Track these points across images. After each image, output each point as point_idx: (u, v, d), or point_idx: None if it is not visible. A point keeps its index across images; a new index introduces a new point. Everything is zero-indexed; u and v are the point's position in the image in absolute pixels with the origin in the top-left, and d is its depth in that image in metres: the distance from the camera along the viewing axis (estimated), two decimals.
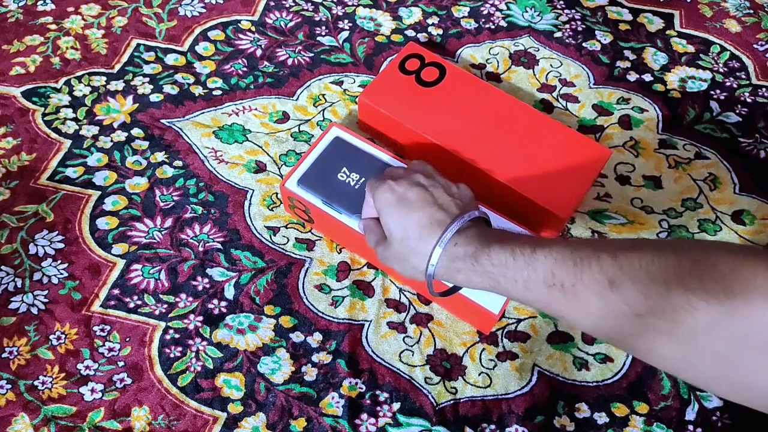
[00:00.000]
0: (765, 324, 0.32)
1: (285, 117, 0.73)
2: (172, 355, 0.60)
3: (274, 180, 0.69)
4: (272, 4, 0.82)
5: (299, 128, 0.72)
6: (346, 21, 0.80)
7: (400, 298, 0.63)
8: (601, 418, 0.58)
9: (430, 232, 0.46)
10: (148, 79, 0.75)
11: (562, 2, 0.83)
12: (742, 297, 0.32)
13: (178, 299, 0.62)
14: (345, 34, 0.79)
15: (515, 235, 0.44)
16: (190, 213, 0.67)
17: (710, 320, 0.33)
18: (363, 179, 0.60)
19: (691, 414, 0.58)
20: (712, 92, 0.76)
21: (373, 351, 0.60)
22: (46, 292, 0.62)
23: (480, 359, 0.60)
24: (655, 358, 0.37)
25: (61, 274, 0.63)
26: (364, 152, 0.62)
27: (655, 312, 0.35)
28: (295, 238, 0.65)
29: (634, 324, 0.36)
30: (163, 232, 0.65)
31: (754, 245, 0.60)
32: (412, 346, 0.61)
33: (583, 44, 0.79)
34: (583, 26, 0.81)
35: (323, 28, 0.80)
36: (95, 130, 0.71)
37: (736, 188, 0.70)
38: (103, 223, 0.66)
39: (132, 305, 0.62)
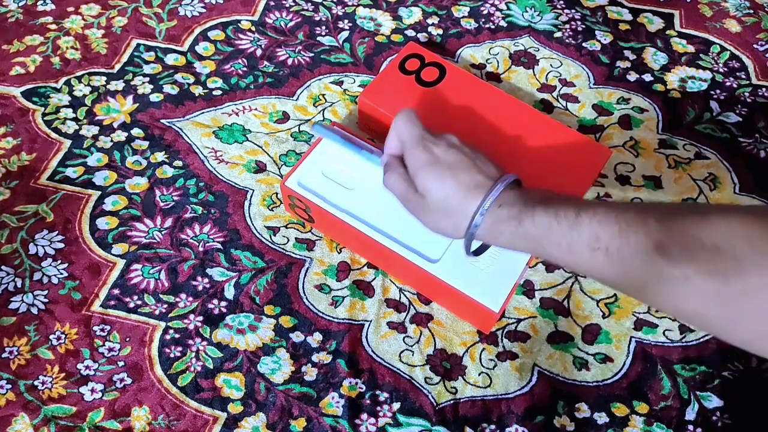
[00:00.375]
0: None
1: (285, 117, 0.73)
2: (172, 355, 0.60)
3: (274, 180, 0.69)
4: (272, 4, 0.82)
5: (299, 128, 0.72)
6: (346, 21, 0.80)
7: (400, 298, 0.63)
8: (601, 418, 0.58)
9: (474, 194, 0.46)
10: (148, 79, 0.75)
11: (562, 2, 0.83)
12: None
13: (178, 299, 0.62)
14: (345, 34, 0.79)
15: (557, 197, 0.44)
16: (190, 213, 0.67)
17: (761, 282, 0.33)
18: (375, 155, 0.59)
19: (691, 414, 0.58)
20: (712, 92, 0.76)
21: (373, 351, 0.60)
22: (46, 292, 0.62)
23: (480, 359, 0.60)
24: (697, 319, 0.37)
25: (61, 274, 0.63)
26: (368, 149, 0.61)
27: (703, 274, 0.35)
28: (295, 238, 0.65)
29: (679, 286, 0.36)
30: (163, 232, 0.65)
31: None
32: (412, 346, 0.61)
33: (583, 44, 0.79)
34: (583, 26, 0.81)
35: (323, 28, 0.80)
36: (95, 130, 0.71)
37: (736, 188, 0.70)
38: (103, 223, 0.66)
39: (132, 305, 0.62)
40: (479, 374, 0.59)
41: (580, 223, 0.41)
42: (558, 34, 0.80)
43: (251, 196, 0.68)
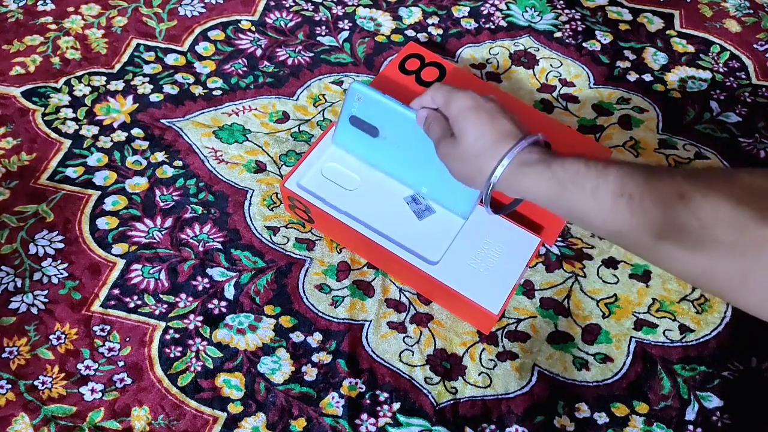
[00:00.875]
0: None
1: (285, 117, 0.73)
2: (172, 355, 0.60)
3: (274, 180, 0.69)
4: (272, 4, 0.82)
5: (299, 128, 0.72)
6: (346, 21, 0.80)
7: (400, 298, 0.63)
8: (601, 418, 0.58)
9: (507, 140, 0.47)
10: (148, 78, 0.75)
11: (562, 2, 0.83)
12: None
13: (178, 299, 0.62)
14: (345, 34, 0.79)
15: (585, 154, 0.46)
16: (190, 213, 0.67)
17: None
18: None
19: (691, 414, 0.58)
20: (712, 92, 0.76)
21: (373, 351, 0.60)
22: (46, 292, 0.62)
23: (480, 359, 0.60)
24: (710, 277, 0.38)
25: (61, 274, 0.63)
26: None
27: (721, 225, 0.36)
28: (295, 238, 0.65)
29: (697, 238, 0.37)
30: (163, 232, 0.65)
31: None
32: (412, 346, 0.61)
33: (583, 44, 0.79)
34: (583, 26, 0.81)
35: (323, 28, 0.80)
36: (95, 130, 0.71)
37: None
38: (103, 223, 0.66)
39: (132, 305, 0.62)
40: (479, 374, 0.59)
41: (608, 172, 0.42)
42: (558, 34, 0.80)
43: (251, 196, 0.68)
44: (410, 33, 0.80)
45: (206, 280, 0.63)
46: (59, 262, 0.64)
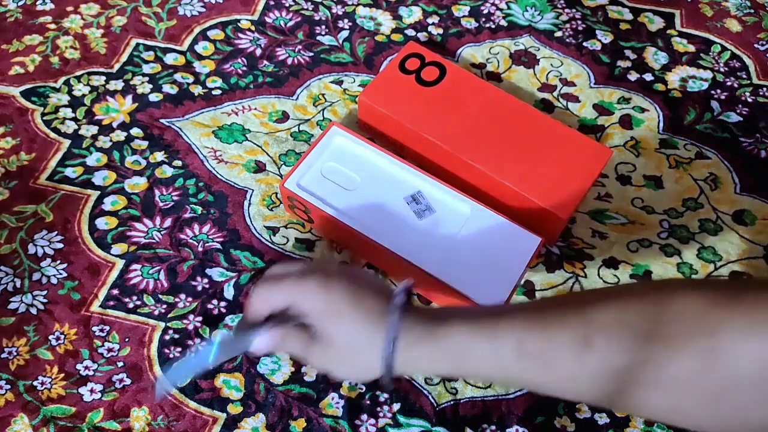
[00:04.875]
0: (745, 361, 0.32)
1: (285, 117, 0.72)
2: (171, 356, 0.59)
3: (274, 180, 0.69)
4: (272, 3, 0.81)
5: (299, 128, 0.72)
6: (345, 20, 0.80)
7: None
8: (602, 419, 0.58)
9: (379, 322, 0.41)
10: (147, 78, 0.75)
11: (562, 1, 0.83)
12: (718, 337, 0.32)
13: (177, 299, 0.62)
14: (345, 34, 0.79)
15: (464, 309, 0.43)
16: (190, 213, 0.66)
17: (693, 366, 0.33)
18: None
19: None
20: (713, 92, 0.76)
21: None
22: (45, 292, 0.62)
23: None
24: (644, 411, 0.36)
25: (61, 274, 0.63)
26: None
27: (637, 365, 0.34)
28: (295, 238, 0.65)
29: (616, 381, 0.35)
30: (162, 232, 0.65)
31: (709, 280, 0.62)
32: None
33: (584, 44, 0.79)
34: (584, 26, 0.81)
35: (323, 27, 0.79)
36: (94, 129, 0.71)
37: (736, 188, 0.69)
38: (102, 223, 0.66)
39: (131, 305, 0.62)
40: None
41: (500, 330, 0.38)
42: (558, 34, 0.80)
43: (251, 196, 0.68)
44: (410, 32, 0.80)
45: (206, 280, 0.63)
46: (58, 262, 0.63)
